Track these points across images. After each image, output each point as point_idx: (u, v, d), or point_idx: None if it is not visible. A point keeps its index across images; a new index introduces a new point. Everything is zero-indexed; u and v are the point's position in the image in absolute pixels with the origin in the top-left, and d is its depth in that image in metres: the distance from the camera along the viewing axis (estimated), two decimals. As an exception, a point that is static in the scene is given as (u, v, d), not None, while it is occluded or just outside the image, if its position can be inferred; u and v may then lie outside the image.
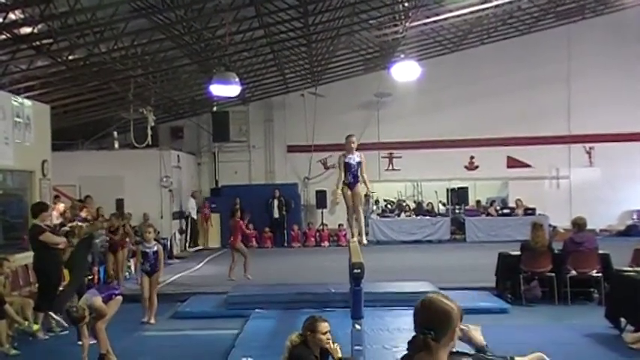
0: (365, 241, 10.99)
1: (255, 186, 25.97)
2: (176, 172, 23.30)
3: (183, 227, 24.00)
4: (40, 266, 10.55)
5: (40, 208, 11.00)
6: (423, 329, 3.00)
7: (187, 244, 23.85)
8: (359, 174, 10.63)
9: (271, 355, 7.93)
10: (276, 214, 24.76)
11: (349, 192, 10.67)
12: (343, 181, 10.68)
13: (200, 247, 23.97)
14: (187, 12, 15.20)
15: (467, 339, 3.28)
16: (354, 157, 10.61)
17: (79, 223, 14.71)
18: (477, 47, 25.36)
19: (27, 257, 11.70)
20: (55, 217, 16.14)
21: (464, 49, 25.32)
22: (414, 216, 25.18)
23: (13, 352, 9.60)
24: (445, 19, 21.02)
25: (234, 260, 16.01)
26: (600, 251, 12.70)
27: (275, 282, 14.87)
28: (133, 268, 17.10)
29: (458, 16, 20.86)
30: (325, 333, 5.69)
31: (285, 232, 24.98)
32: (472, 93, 25.31)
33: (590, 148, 25.61)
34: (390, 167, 26.39)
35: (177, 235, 23.11)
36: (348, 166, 10.60)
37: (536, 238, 12.78)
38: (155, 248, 11.82)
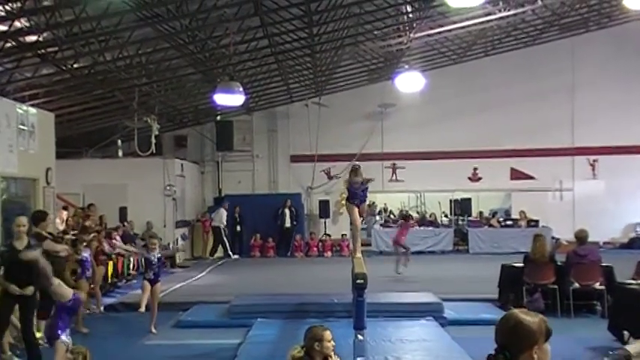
0: (359, 254, 11.00)
1: (259, 195, 25.98)
2: (179, 181, 23.31)
3: (186, 233, 23.96)
4: (42, 274, 10.52)
5: (39, 217, 10.99)
6: (498, 347, 2.85)
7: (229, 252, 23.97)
8: (366, 197, 10.93)
9: (273, 364, 7.93)
10: (287, 224, 24.74)
11: (356, 209, 10.79)
12: (347, 200, 10.91)
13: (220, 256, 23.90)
14: (192, 21, 15.24)
15: None
16: (360, 186, 10.77)
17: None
18: (481, 59, 25.38)
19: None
20: (58, 224, 16.18)
21: (468, 60, 25.34)
22: (417, 227, 25.11)
23: (16, 359, 9.60)
24: (449, 30, 21.02)
25: (400, 255, 17.85)
26: (603, 264, 12.70)
27: (278, 291, 14.86)
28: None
29: (462, 27, 20.88)
30: (330, 340, 5.71)
31: (292, 241, 24.97)
32: (476, 104, 25.31)
33: (594, 161, 25.57)
34: (394, 178, 26.35)
35: (180, 241, 23.06)
36: (354, 194, 10.76)
37: (536, 249, 12.79)
38: (159, 255, 11.85)
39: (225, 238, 23.90)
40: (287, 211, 24.76)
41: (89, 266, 12.54)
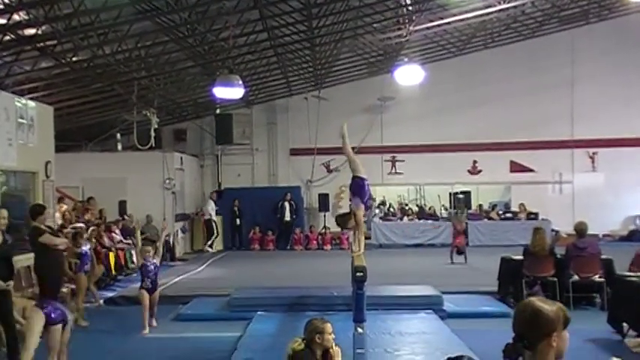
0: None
1: (258, 189, 25.99)
2: (179, 175, 23.30)
3: (186, 226, 23.95)
4: (41, 268, 10.52)
5: (36, 211, 10.95)
6: (516, 336, 2.84)
7: (209, 245, 23.89)
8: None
9: (273, 357, 7.93)
10: (287, 217, 24.78)
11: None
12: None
13: (219, 249, 23.94)
14: (191, 14, 15.22)
15: None
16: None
17: (82, 225, 14.73)
18: (480, 51, 25.34)
19: (29, 258, 11.69)
20: (57, 218, 16.18)
21: (467, 53, 25.31)
22: (417, 220, 25.16)
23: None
24: (449, 23, 20.99)
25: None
26: (603, 256, 12.70)
27: (278, 285, 14.87)
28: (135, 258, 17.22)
29: (462, 20, 20.85)
30: (331, 333, 5.74)
31: (291, 235, 24.99)
32: (475, 97, 25.29)
33: (594, 153, 25.56)
34: (393, 171, 26.37)
35: (180, 233, 23.04)
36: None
37: (535, 242, 12.80)
38: (156, 261, 11.68)
39: (214, 229, 23.95)
40: (287, 204, 24.78)
41: (88, 260, 12.52)
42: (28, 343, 7.76)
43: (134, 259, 18.17)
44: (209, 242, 23.86)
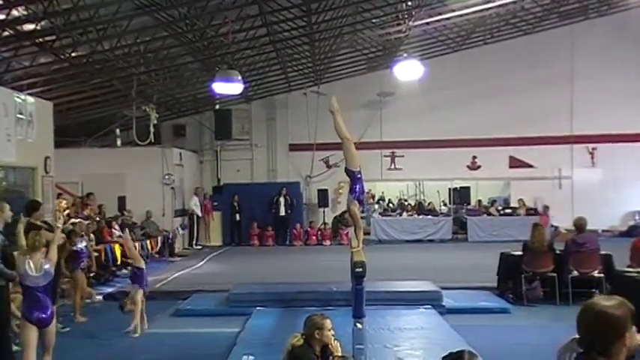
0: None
1: (257, 184, 25.97)
2: (178, 170, 23.29)
3: (185, 222, 23.97)
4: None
5: (32, 207, 10.97)
6: (586, 345, 2.66)
7: (194, 242, 23.84)
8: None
9: (272, 352, 7.93)
10: (282, 212, 24.77)
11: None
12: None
13: (202, 245, 23.94)
14: (190, 9, 15.19)
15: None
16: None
17: (81, 221, 14.72)
18: (480, 47, 25.35)
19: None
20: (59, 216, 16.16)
21: (467, 48, 25.31)
22: (416, 215, 25.18)
23: (15, 348, 9.60)
24: (448, 18, 21.01)
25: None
26: (602, 252, 12.72)
27: (277, 280, 14.87)
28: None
29: (461, 15, 20.86)
30: (330, 329, 5.75)
31: (288, 230, 24.99)
32: (475, 93, 25.29)
33: (593, 149, 25.57)
34: (393, 166, 26.36)
35: (180, 230, 23.05)
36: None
37: (534, 237, 12.81)
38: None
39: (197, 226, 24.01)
40: (282, 199, 24.75)
41: (85, 257, 12.49)
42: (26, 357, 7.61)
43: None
44: (194, 240, 23.87)
